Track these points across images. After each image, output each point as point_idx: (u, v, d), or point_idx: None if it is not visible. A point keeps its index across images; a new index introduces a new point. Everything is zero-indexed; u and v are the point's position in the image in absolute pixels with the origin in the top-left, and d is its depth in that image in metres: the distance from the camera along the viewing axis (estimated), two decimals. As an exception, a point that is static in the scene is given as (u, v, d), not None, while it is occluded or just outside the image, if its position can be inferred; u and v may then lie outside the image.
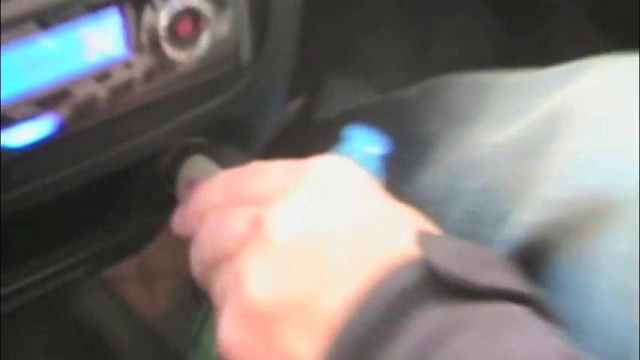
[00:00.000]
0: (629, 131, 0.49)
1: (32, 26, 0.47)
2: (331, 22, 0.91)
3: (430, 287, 0.40)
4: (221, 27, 0.54)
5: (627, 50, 0.54)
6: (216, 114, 0.58)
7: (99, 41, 0.50)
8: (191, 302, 0.55)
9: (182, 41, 0.52)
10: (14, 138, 0.49)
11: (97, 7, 0.48)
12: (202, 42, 0.53)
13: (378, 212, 0.45)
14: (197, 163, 0.58)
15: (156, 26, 0.51)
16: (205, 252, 0.48)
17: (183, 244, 0.51)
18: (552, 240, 0.49)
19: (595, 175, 0.48)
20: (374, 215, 0.44)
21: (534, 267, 0.49)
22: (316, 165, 0.47)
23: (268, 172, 0.48)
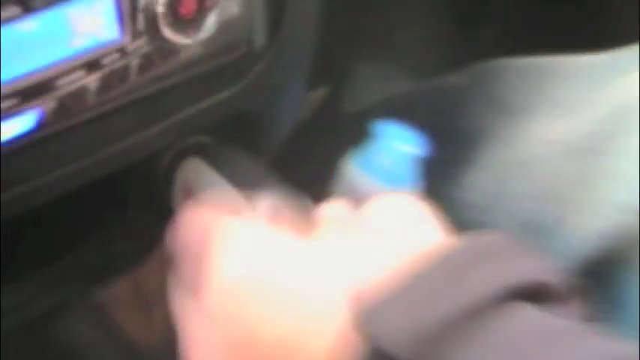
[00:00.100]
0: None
1: (13, 9, 0.46)
2: (358, 2, 0.90)
3: None
4: (230, 5, 0.53)
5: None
6: (224, 108, 0.58)
7: (88, 24, 0.49)
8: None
9: (184, 23, 0.51)
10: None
11: (86, -15, 0.48)
12: (208, 23, 0.52)
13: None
14: (194, 168, 0.57)
15: (154, 6, 0.50)
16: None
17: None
18: (619, 251, 0.48)
19: None
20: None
21: (597, 281, 0.49)
22: None
23: None
